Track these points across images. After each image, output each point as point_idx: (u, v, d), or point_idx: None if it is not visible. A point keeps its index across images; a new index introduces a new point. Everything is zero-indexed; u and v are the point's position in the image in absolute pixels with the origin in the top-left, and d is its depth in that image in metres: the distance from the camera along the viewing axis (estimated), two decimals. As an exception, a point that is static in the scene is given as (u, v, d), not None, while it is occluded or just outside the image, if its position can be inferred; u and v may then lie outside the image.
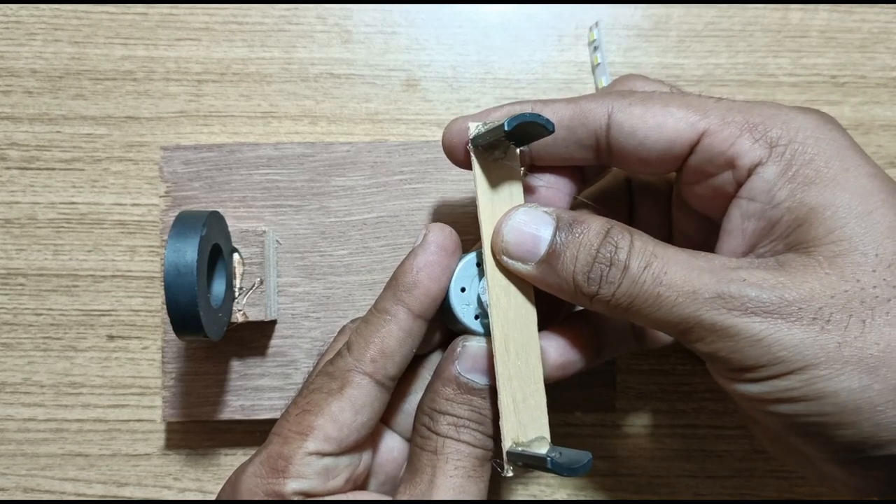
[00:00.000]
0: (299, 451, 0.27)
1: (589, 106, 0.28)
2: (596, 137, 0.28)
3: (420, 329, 0.29)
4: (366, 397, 0.28)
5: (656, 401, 0.39)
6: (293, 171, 0.37)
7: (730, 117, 0.27)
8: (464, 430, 0.28)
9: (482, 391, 0.28)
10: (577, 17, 0.41)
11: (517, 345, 0.28)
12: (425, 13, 0.40)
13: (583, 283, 0.26)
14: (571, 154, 0.29)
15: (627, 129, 0.27)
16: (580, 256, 0.26)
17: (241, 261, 0.35)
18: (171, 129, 0.40)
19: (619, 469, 0.39)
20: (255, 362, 0.37)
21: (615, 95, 0.28)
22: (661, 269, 0.25)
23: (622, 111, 0.28)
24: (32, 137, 0.39)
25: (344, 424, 0.28)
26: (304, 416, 0.28)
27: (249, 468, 0.28)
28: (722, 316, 0.24)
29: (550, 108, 0.29)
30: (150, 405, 0.39)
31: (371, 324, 0.29)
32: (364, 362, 0.28)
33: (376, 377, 0.28)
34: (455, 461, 0.27)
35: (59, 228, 0.39)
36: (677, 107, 0.27)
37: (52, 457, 0.39)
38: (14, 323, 0.39)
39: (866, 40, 0.40)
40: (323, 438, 0.28)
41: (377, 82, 0.40)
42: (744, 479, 0.39)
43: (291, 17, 0.40)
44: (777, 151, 0.26)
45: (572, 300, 0.27)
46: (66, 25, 0.40)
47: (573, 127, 0.28)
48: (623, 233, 0.26)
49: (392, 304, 0.29)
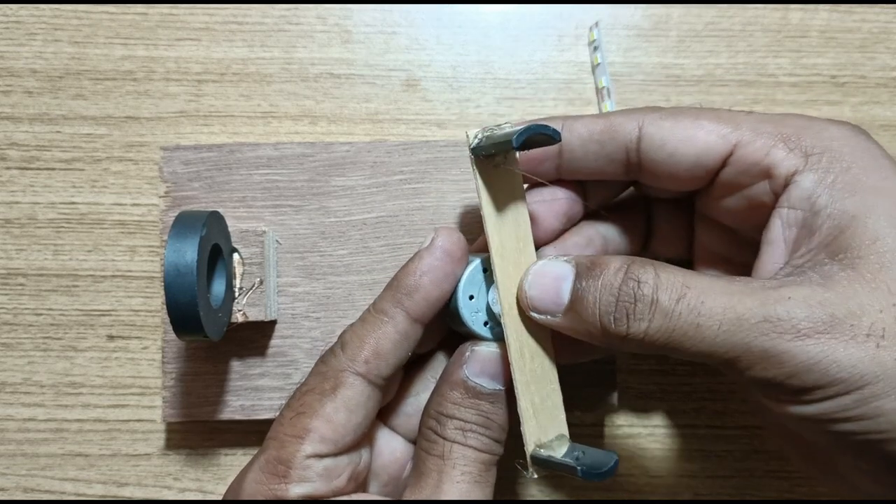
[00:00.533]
0: (297, 454, 0.27)
1: (619, 119, 0.28)
2: (626, 151, 0.28)
3: (417, 333, 0.29)
4: (359, 397, 0.28)
5: (656, 401, 0.39)
6: (293, 171, 0.37)
7: (762, 128, 0.26)
8: (471, 434, 0.28)
9: (490, 395, 0.28)
10: (577, 17, 0.41)
11: (532, 350, 0.28)
12: (425, 13, 0.40)
13: (609, 324, 0.25)
14: (601, 168, 0.29)
15: (658, 141, 0.28)
16: (602, 298, 0.25)
17: (240, 261, 0.35)
18: (171, 129, 0.40)
19: (619, 469, 0.39)
20: (255, 362, 0.37)
21: (645, 110, 0.28)
22: (697, 300, 0.24)
23: (653, 124, 0.28)
24: (32, 137, 0.39)
25: (339, 425, 0.28)
26: (299, 418, 0.28)
27: (249, 475, 0.28)
28: (773, 341, 0.23)
29: (581, 123, 0.29)
30: (150, 405, 0.39)
31: (367, 323, 0.29)
32: (357, 362, 0.28)
33: (369, 377, 0.28)
34: (462, 466, 0.27)
35: (59, 228, 0.39)
36: (708, 120, 0.27)
37: (52, 457, 0.39)
38: (14, 323, 0.39)
39: (866, 40, 0.40)
40: (319, 440, 0.27)
41: (377, 82, 0.40)
42: (744, 479, 0.39)
43: (291, 17, 0.40)
44: (813, 160, 0.26)
45: (607, 345, 0.26)
46: (66, 25, 0.40)
47: (603, 141, 0.29)
48: (645, 267, 0.25)
49: (391, 305, 0.29)
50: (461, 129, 0.40)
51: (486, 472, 0.28)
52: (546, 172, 0.30)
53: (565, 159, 0.29)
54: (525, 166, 0.30)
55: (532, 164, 0.30)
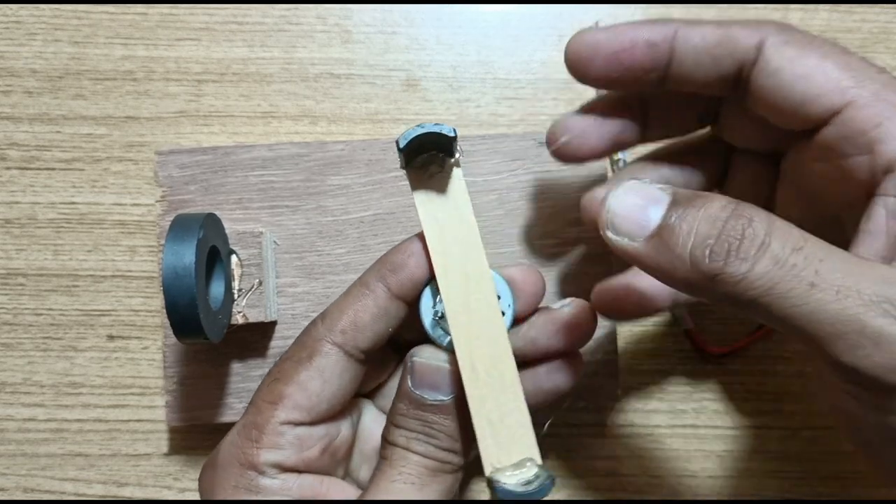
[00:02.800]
0: (271, 420, 0.27)
1: (740, 33, 0.26)
2: (740, 68, 0.26)
3: (398, 311, 0.29)
4: (334, 367, 0.28)
5: (656, 401, 0.39)
6: (288, 171, 0.37)
7: (885, 94, 0.24)
8: (414, 442, 0.27)
9: (433, 407, 0.27)
10: (577, 17, 0.40)
11: (487, 362, 0.26)
12: (425, 13, 0.40)
13: (701, 258, 0.21)
14: (709, 82, 0.27)
15: (773, 67, 0.25)
16: (700, 228, 0.22)
17: (239, 262, 0.35)
18: (171, 129, 0.40)
19: (619, 469, 0.39)
20: (256, 363, 0.37)
21: (772, 27, 0.26)
22: (815, 256, 0.21)
23: (775, 48, 0.25)
24: (32, 137, 0.39)
25: (312, 393, 0.28)
26: (275, 384, 0.28)
27: (227, 437, 0.29)
28: (892, 327, 0.20)
29: (697, 32, 0.26)
30: (150, 405, 0.39)
31: (350, 295, 0.29)
32: (335, 332, 0.28)
33: (346, 348, 0.28)
34: (400, 467, 0.27)
35: (59, 228, 0.39)
36: (833, 63, 0.25)
37: (52, 457, 0.39)
38: (14, 323, 0.39)
39: (866, 40, 0.40)
40: (292, 407, 0.28)
41: (377, 82, 0.40)
42: (744, 479, 0.39)
43: (291, 17, 0.40)
44: None
45: (684, 286, 0.23)
46: (66, 25, 0.40)
47: (718, 56, 0.26)
48: (755, 209, 0.22)
49: (374, 279, 0.29)
50: (461, 129, 0.40)
51: (430, 477, 0.27)
52: (649, 82, 0.28)
53: (673, 69, 0.27)
54: (627, 75, 0.27)
55: (635, 73, 0.27)
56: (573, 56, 0.27)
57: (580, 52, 0.27)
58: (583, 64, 0.27)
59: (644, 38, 0.26)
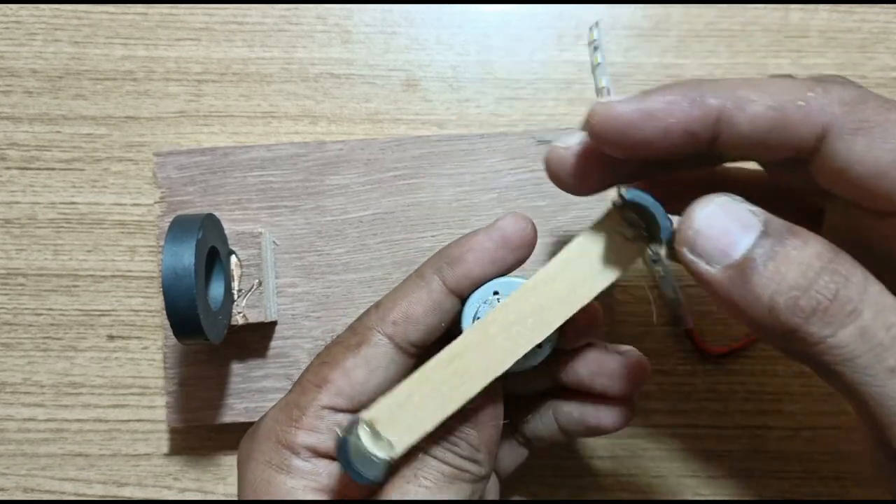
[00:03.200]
0: (314, 402, 0.27)
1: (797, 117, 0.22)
2: (797, 154, 0.23)
3: (452, 306, 0.28)
4: (382, 358, 0.28)
5: (656, 401, 0.39)
6: (287, 171, 0.37)
7: None
8: (434, 446, 0.26)
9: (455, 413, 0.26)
10: (577, 17, 0.40)
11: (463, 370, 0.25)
12: (425, 13, 0.40)
13: (782, 309, 0.20)
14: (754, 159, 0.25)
15: (841, 163, 0.22)
16: (789, 274, 0.20)
17: (238, 263, 0.35)
18: (171, 129, 0.40)
19: (619, 469, 0.39)
20: (256, 364, 0.37)
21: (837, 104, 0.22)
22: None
23: (840, 139, 0.22)
24: (32, 137, 0.39)
25: (356, 382, 0.27)
26: (322, 367, 0.28)
27: (270, 412, 0.28)
28: None
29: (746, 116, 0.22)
30: (150, 405, 0.39)
31: (404, 286, 0.28)
32: (386, 322, 0.28)
33: (395, 339, 0.28)
34: (417, 470, 0.26)
35: (59, 228, 0.39)
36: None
37: (51, 457, 0.39)
38: (14, 323, 0.39)
39: (866, 40, 0.40)
40: (335, 393, 0.27)
41: (377, 82, 0.40)
42: (744, 479, 0.39)
43: (291, 16, 0.40)
44: None
45: (756, 328, 0.21)
46: (66, 25, 0.40)
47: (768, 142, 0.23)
48: (853, 265, 0.20)
49: (430, 271, 0.28)
50: (461, 129, 0.40)
51: (447, 484, 0.26)
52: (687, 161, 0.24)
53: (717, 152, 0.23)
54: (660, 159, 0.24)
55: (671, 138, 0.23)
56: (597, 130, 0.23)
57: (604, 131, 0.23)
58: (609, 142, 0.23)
59: (681, 128, 0.22)
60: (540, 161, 0.37)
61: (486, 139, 0.37)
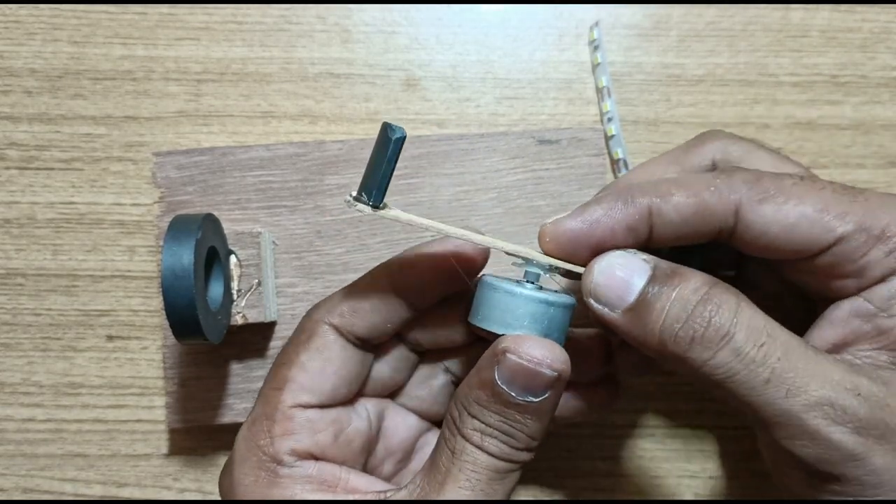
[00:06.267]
0: (280, 406, 0.28)
1: (713, 200, 0.26)
2: (720, 230, 0.26)
3: (399, 309, 0.29)
4: (333, 346, 0.28)
5: (656, 401, 0.39)
6: (286, 171, 0.37)
7: (868, 222, 0.25)
8: (489, 438, 0.25)
9: (519, 406, 0.25)
10: (577, 17, 0.40)
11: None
12: (425, 12, 0.40)
13: (669, 339, 0.24)
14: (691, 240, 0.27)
15: (758, 230, 0.26)
16: (671, 310, 0.24)
17: (238, 263, 0.35)
18: (171, 128, 0.39)
19: (619, 469, 0.39)
20: (256, 364, 0.37)
21: (741, 184, 0.26)
22: (774, 354, 0.23)
23: (752, 211, 0.26)
24: (31, 137, 0.39)
25: (314, 372, 0.28)
26: (279, 369, 0.28)
27: (240, 434, 0.29)
28: (829, 427, 0.23)
29: (671, 206, 0.26)
30: (149, 405, 0.39)
31: (356, 282, 0.29)
32: (333, 314, 0.28)
33: (342, 330, 0.28)
34: (469, 471, 0.25)
35: (58, 228, 0.39)
36: (813, 207, 0.25)
37: (51, 457, 0.39)
38: (13, 323, 0.39)
39: (867, 40, 0.40)
40: (298, 388, 0.28)
41: (377, 82, 0.40)
42: (744, 479, 0.39)
43: (291, 16, 0.40)
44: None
45: (657, 358, 0.25)
46: (66, 25, 0.40)
47: (695, 224, 0.26)
48: (728, 295, 0.24)
49: (382, 270, 0.29)
50: (461, 129, 0.40)
51: (500, 479, 0.26)
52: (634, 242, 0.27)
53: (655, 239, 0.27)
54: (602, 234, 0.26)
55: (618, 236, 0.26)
56: (553, 248, 0.27)
57: (561, 245, 0.26)
58: (566, 255, 0.27)
59: (623, 226, 0.26)
60: (540, 161, 0.37)
61: (485, 139, 0.37)
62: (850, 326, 0.26)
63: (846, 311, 0.26)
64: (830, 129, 0.40)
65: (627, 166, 0.39)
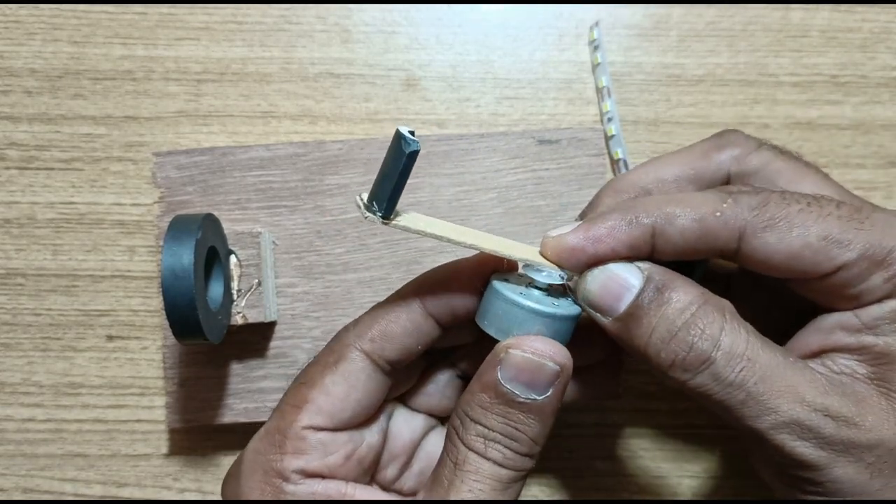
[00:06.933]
0: (294, 424, 0.27)
1: (717, 226, 0.26)
2: (722, 252, 0.27)
3: (430, 329, 0.28)
4: (360, 373, 0.28)
5: (657, 401, 0.39)
6: (286, 171, 0.37)
7: (870, 250, 0.25)
8: (493, 444, 0.25)
9: (524, 405, 0.25)
10: (577, 17, 0.40)
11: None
12: (425, 12, 0.40)
13: (654, 355, 0.25)
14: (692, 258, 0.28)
15: (761, 257, 0.26)
16: (658, 328, 0.25)
17: (238, 263, 0.35)
18: (171, 128, 0.39)
19: (619, 469, 0.39)
20: (256, 364, 0.37)
21: (747, 211, 0.26)
22: (752, 378, 0.24)
23: (756, 237, 0.26)
24: (31, 137, 0.39)
25: (337, 398, 0.28)
26: (300, 388, 0.28)
27: (251, 444, 0.28)
28: (793, 442, 0.24)
29: (676, 229, 0.26)
30: (149, 405, 0.39)
31: (385, 304, 0.29)
32: (363, 339, 0.28)
33: (373, 356, 0.28)
34: (472, 482, 0.25)
35: (58, 228, 0.39)
36: (817, 236, 0.25)
37: (51, 457, 0.39)
38: (13, 323, 0.39)
39: (867, 40, 0.40)
40: (316, 411, 0.27)
41: (377, 82, 0.40)
42: (744, 479, 0.39)
43: (291, 16, 0.40)
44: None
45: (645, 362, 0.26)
46: (66, 25, 0.40)
47: (698, 246, 0.26)
48: (714, 316, 0.25)
49: (411, 292, 0.28)
50: (461, 129, 0.40)
51: (504, 489, 0.25)
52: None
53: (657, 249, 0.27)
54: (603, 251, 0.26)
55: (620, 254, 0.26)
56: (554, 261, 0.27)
57: (562, 259, 0.27)
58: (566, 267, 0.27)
59: (626, 246, 0.26)
60: (540, 161, 0.37)
61: (485, 139, 0.37)
62: (834, 337, 0.27)
63: (832, 322, 0.27)
64: (830, 129, 0.40)
65: (627, 166, 0.39)
